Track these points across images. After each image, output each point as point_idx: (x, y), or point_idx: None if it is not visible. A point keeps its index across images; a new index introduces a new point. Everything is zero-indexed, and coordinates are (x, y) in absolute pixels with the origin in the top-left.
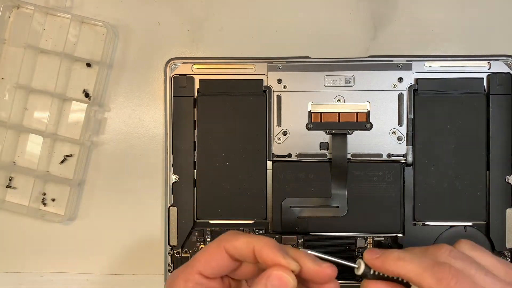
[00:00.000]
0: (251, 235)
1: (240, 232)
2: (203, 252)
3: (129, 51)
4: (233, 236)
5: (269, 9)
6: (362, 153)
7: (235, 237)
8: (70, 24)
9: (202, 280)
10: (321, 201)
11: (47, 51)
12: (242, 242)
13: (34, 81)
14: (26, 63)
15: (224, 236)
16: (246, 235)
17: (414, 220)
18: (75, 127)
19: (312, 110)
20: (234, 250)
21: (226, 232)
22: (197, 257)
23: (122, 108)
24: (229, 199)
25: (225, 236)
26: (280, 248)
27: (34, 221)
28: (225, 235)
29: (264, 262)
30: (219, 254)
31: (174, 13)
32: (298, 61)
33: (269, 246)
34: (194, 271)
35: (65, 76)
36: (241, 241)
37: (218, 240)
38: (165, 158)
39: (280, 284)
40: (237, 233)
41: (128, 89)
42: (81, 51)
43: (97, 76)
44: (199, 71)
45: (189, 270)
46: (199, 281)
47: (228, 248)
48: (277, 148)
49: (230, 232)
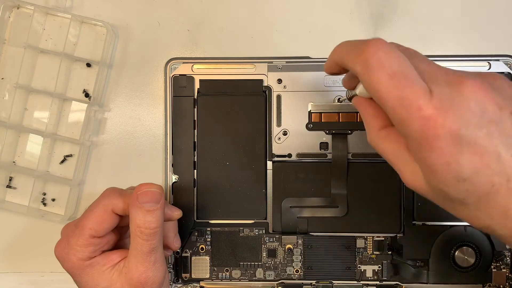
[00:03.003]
0: (128, 194)
1: (118, 190)
2: (91, 216)
3: (129, 51)
4: (116, 197)
5: (269, 9)
6: (362, 153)
7: (118, 197)
8: (70, 24)
9: (97, 240)
10: (321, 201)
11: (47, 51)
12: (125, 203)
13: (34, 81)
14: (26, 63)
15: (106, 197)
16: (126, 194)
17: (414, 220)
18: (75, 127)
19: (312, 110)
20: (120, 210)
21: (106, 192)
22: (86, 223)
23: (122, 108)
24: (229, 199)
25: (107, 197)
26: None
27: (34, 221)
28: (107, 196)
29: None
30: (108, 216)
31: (174, 13)
32: (298, 61)
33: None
34: (87, 236)
35: (65, 76)
36: (124, 202)
37: (102, 202)
38: (165, 158)
39: (151, 196)
40: (116, 192)
41: (128, 89)
42: (81, 51)
43: (97, 76)
44: (199, 71)
45: (82, 238)
46: (95, 242)
47: (114, 209)
48: (277, 148)
49: (109, 191)
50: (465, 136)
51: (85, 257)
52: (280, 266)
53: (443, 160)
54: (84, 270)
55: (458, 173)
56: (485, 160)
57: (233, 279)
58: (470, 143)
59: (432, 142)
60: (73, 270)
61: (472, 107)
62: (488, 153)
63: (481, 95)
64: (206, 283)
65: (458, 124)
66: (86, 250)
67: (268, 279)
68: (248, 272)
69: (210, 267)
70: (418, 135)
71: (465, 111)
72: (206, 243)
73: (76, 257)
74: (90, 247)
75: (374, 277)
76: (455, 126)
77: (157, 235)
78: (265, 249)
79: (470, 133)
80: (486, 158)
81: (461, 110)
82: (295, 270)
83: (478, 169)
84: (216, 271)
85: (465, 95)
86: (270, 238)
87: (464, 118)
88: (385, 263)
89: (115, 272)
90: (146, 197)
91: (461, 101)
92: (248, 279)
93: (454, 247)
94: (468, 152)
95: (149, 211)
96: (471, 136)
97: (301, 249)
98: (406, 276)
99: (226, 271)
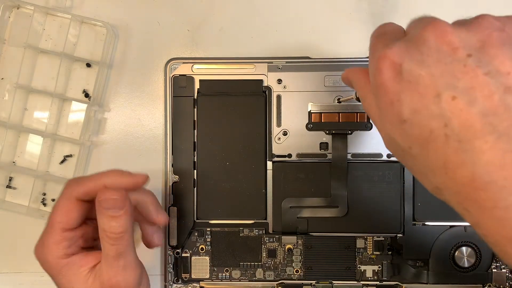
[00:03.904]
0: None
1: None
2: (58, 211)
3: (129, 51)
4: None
5: (269, 9)
6: (362, 153)
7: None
8: (70, 24)
9: (70, 234)
10: (321, 201)
11: (47, 51)
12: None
13: (34, 81)
14: (26, 63)
15: (67, 187)
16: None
17: (414, 220)
18: (75, 127)
19: (312, 110)
20: (84, 194)
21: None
22: (54, 218)
23: (122, 108)
24: (229, 199)
25: (67, 187)
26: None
27: (34, 221)
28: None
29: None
30: (72, 204)
31: (174, 13)
32: (298, 61)
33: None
34: (59, 231)
35: (65, 76)
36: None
37: (64, 193)
38: (165, 158)
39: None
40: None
41: (128, 89)
42: (81, 51)
43: (97, 76)
44: (199, 71)
45: (54, 234)
46: (68, 236)
47: (78, 196)
48: (277, 148)
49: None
50: (407, 71)
51: (60, 255)
52: (280, 266)
53: (388, 99)
54: (61, 271)
55: (399, 113)
56: (425, 100)
57: (233, 279)
58: (412, 81)
59: (377, 78)
60: (51, 271)
61: (422, 45)
62: (428, 93)
63: (438, 34)
64: (206, 283)
65: (400, 58)
66: (61, 246)
67: (268, 279)
68: (248, 272)
69: (210, 267)
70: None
71: (413, 49)
72: (206, 243)
73: (52, 256)
74: (63, 242)
75: (374, 277)
76: (397, 59)
77: (124, 240)
78: (265, 249)
79: (412, 69)
80: (426, 98)
81: (410, 48)
82: (295, 270)
83: (418, 109)
84: (216, 271)
85: (423, 34)
86: (270, 238)
87: (409, 53)
88: (385, 263)
89: (91, 276)
90: (108, 204)
91: (416, 41)
92: (248, 279)
93: (454, 247)
94: (409, 90)
95: (113, 216)
96: (413, 73)
97: (301, 249)
98: (406, 276)
99: (226, 271)
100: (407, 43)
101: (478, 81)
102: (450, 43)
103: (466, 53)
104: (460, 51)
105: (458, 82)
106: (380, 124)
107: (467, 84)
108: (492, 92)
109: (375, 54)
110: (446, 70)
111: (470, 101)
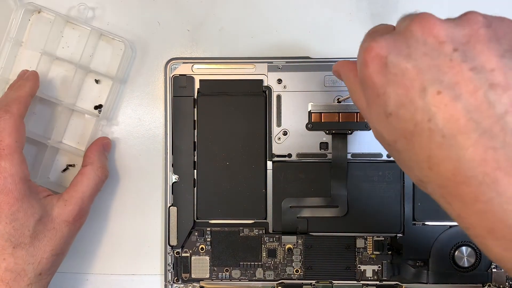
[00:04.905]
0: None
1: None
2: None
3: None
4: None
5: (269, 9)
6: (362, 153)
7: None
8: (89, 37)
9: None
10: (321, 201)
11: (62, 59)
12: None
13: (45, 87)
14: (40, 68)
15: (17, 110)
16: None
17: (414, 220)
18: (81, 137)
19: (312, 110)
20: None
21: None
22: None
23: (122, 108)
24: (229, 199)
25: (18, 109)
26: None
27: None
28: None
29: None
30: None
31: (174, 13)
32: (298, 61)
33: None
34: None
35: (77, 86)
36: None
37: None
38: (165, 158)
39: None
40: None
41: (128, 89)
42: (95, 63)
43: (109, 90)
44: (199, 71)
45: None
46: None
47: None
48: (277, 148)
49: (16, 106)
50: (392, 64)
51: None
52: (280, 266)
53: (374, 92)
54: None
55: (385, 106)
56: (410, 94)
57: (233, 279)
58: (398, 74)
59: (363, 70)
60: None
61: (409, 38)
62: (414, 87)
63: (425, 27)
64: (206, 283)
65: (386, 51)
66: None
67: (268, 279)
68: (248, 272)
69: (210, 267)
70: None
71: (400, 42)
72: (206, 243)
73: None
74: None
75: (374, 277)
76: (383, 52)
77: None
78: (265, 249)
79: (398, 62)
80: (412, 92)
81: (397, 41)
82: (295, 270)
83: (403, 102)
84: (216, 271)
85: (411, 28)
86: (270, 238)
87: (396, 46)
88: (385, 263)
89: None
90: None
91: (404, 34)
92: (248, 279)
93: (454, 247)
94: (394, 83)
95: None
96: (399, 66)
97: (301, 249)
98: (406, 276)
99: (226, 271)
100: (395, 36)
101: (463, 77)
102: (436, 36)
103: (452, 48)
104: (446, 45)
105: (444, 76)
106: (368, 117)
107: (453, 79)
108: (476, 88)
109: (362, 47)
110: (432, 64)
111: (455, 97)
